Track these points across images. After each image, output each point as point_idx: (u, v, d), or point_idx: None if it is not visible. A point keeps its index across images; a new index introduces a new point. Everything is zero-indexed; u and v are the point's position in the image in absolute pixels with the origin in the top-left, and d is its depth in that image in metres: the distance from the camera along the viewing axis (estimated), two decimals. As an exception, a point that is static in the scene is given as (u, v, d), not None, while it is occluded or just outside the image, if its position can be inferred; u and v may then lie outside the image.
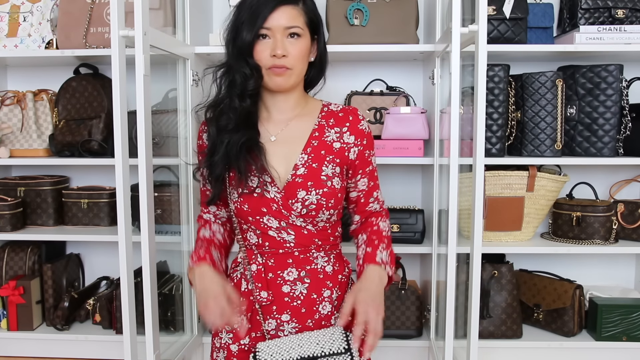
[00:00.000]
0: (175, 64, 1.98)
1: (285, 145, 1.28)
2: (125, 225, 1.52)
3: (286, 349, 1.17)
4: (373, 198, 1.35)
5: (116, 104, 1.49)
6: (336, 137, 1.29)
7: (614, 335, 2.09)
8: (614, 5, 2.08)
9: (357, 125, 1.30)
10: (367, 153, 1.32)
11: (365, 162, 1.32)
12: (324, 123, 1.30)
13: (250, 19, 1.20)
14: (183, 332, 2.08)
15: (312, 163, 1.25)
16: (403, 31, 2.09)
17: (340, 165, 1.28)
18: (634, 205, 2.18)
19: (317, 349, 1.16)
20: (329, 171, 1.26)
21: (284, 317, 1.26)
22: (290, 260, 1.26)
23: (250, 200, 1.24)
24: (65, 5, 2.16)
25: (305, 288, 1.26)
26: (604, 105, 2.05)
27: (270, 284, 1.26)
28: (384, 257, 1.27)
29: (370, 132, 1.33)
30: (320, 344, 1.16)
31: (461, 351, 1.70)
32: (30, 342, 2.21)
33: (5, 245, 2.32)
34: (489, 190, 2.07)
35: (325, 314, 1.28)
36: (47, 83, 2.40)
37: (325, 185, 1.24)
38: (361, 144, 1.30)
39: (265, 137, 1.29)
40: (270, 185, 1.24)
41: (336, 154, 1.28)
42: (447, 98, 1.67)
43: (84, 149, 2.17)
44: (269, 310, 1.26)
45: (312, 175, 1.24)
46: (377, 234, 1.32)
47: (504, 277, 2.12)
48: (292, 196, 1.23)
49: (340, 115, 1.31)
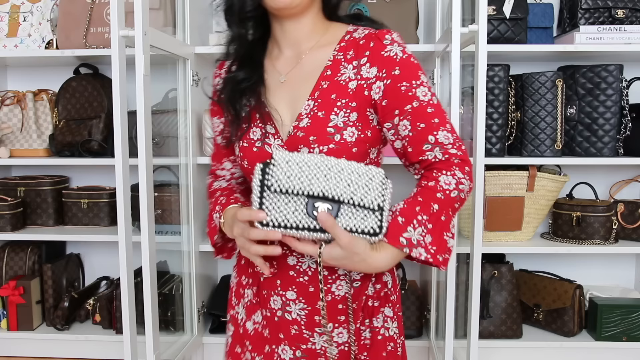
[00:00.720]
0: (175, 64, 1.98)
1: (295, 87, 1.04)
2: (125, 225, 1.52)
3: (308, 176, 0.89)
4: (429, 144, 0.96)
5: (116, 104, 1.49)
6: (353, 74, 1.00)
7: (614, 335, 2.09)
8: (614, 5, 2.08)
9: (381, 52, 0.99)
10: (402, 86, 0.97)
11: (401, 98, 0.97)
12: (341, 57, 1.02)
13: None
14: (183, 332, 2.08)
15: (319, 111, 0.99)
16: (403, 31, 2.08)
17: (358, 110, 0.99)
18: (634, 205, 2.18)
19: (347, 192, 0.89)
20: (339, 120, 0.98)
21: (289, 295, 1.03)
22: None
23: (250, 155, 1.03)
24: (65, 5, 2.16)
25: (314, 262, 1.01)
26: (604, 105, 2.05)
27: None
28: (416, 236, 0.91)
29: (405, 58, 0.98)
30: (352, 186, 0.89)
31: (461, 351, 1.70)
32: (30, 342, 2.21)
33: (5, 245, 2.32)
34: (489, 190, 2.07)
35: (341, 295, 1.02)
36: (47, 83, 2.40)
37: (331, 140, 0.97)
38: (388, 75, 0.98)
39: (274, 78, 1.06)
40: (273, 137, 1.02)
41: (352, 97, 0.99)
42: (447, 98, 1.67)
43: (84, 149, 2.17)
44: (272, 284, 1.04)
45: (316, 128, 0.98)
46: (426, 193, 0.95)
47: (504, 277, 2.12)
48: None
49: (361, 43, 1.01)
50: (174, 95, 2.04)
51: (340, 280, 1.02)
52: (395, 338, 1.07)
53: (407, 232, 0.91)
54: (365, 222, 0.90)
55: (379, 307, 1.06)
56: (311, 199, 0.89)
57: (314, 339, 1.03)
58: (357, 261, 0.91)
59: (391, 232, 0.91)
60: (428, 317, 2.14)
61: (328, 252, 0.90)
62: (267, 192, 0.89)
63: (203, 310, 2.18)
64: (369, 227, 0.90)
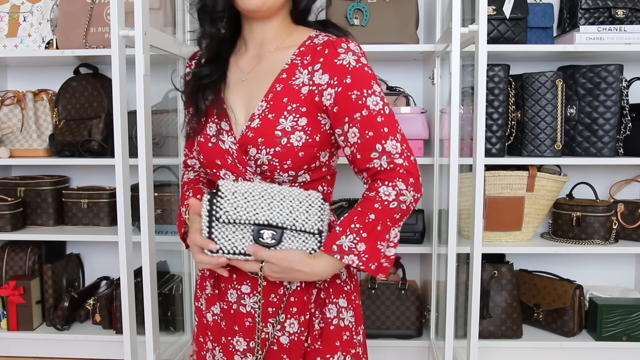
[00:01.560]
0: (176, 64, 1.98)
1: (252, 87, 1.06)
2: (125, 225, 1.52)
3: (253, 205, 0.96)
4: (376, 152, 0.98)
5: (116, 104, 1.49)
6: (307, 79, 1.02)
7: (614, 335, 2.09)
8: (614, 5, 2.09)
9: (334, 60, 0.99)
10: (353, 95, 0.98)
11: (351, 106, 0.98)
12: (298, 61, 1.03)
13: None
14: (183, 332, 2.08)
15: (269, 114, 1.01)
16: (403, 31, 2.09)
17: (308, 115, 1.00)
18: (634, 205, 2.18)
19: (289, 218, 0.97)
20: (287, 124, 1.00)
21: (244, 289, 1.06)
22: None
23: (205, 150, 1.07)
24: (65, 5, 2.16)
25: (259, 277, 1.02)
26: (604, 105, 2.05)
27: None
28: (347, 244, 0.96)
29: (359, 68, 0.99)
30: (293, 213, 0.97)
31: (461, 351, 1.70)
32: (30, 342, 2.21)
33: (5, 245, 2.32)
34: (489, 190, 2.07)
35: (293, 288, 1.05)
36: (47, 83, 2.40)
37: (277, 144, 0.99)
38: (340, 83, 0.99)
39: (236, 75, 1.09)
40: (227, 134, 1.04)
41: (303, 102, 1.01)
42: (447, 98, 1.67)
43: (84, 149, 2.17)
44: (229, 279, 1.08)
45: (265, 130, 1.00)
46: (365, 203, 0.98)
47: (504, 277, 2.12)
48: (245, 152, 1.02)
49: (318, 49, 1.02)
50: (174, 95, 2.03)
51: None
52: (350, 327, 1.10)
53: (340, 239, 0.97)
54: (307, 244, 0.99)
55: (331, 298, 1.09)
56: (257, 226, 0.97)
57: (267, 329, 1.06)
58: (296, 272, 0.98)
59: (327, 241, 0.98)
60: (428, 317, 2.14)
61: (268, 267, 0.98)
62: (215, 222, 0.97)
63: (203, 310, 2.17)
64: (310, 248, 0.99)
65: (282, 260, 0.97)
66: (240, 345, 1.08)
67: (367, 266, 0.97)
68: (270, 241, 0.97)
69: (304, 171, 1.03)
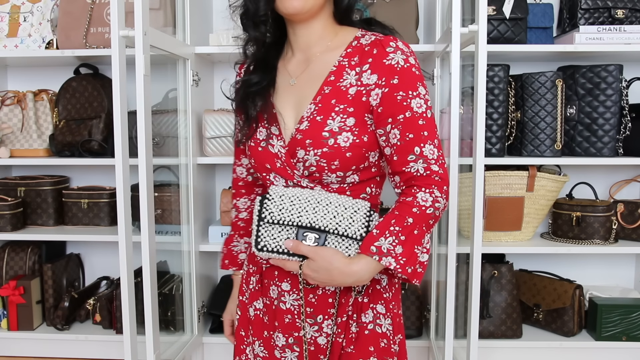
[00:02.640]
0: (175, 64, 1.98)
1: (302, 90, 1.08)
2: (125, 225, 1.52)
3: (298, 209, 1.01)
4: (413, 155, 0.99)
5: (116, 104, 1.49)
6: (355, 80, 1.03)
7: (614, 335, 2.09)
8: (614, 5, 2.09)
9: (383, 60, 1.01)
10: (398, 96, 0.99)
11: (395, 107, 0.99)
12: (346, 63, 1.05)
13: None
14: (183, 332, 2.08)
15: (317, 116, 1.03)
16: (403, 31, 2.08)
17: (355, 115, 1.02)
18: (633, 205, 2.18)
19: (332, 223, 1.00)
20: (334, 125, 1.01)
21: (284, 286, 1.09)
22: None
23: (255, 154, 1.10)
24: (65, 5, 2.16)
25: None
26: (603, 105, 2.05)
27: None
28: (386, 245, 0.96)
29: (406, 68, 1.00)
30: (337, 218, 1.00)
31: (461, 351, 1.70)
32: (30, 342, 2.21)
33: (6, 245, 2.32)
34: (489, 190, 2.08)
35: (331, 290, 1.07)
36: (47, 83, 2.40)
37: (325, 144, 1.01)
38: (387, 83, 1.00)
39: (285, 79, 1.11)
40: (277, 138, 1.07)
41: (350, 102, 1.02)
42: (447, 98, 1.67)
43: (84, 149, 2.18)
44: (271, 275, 1.12)
45: (313, 131, 1.02)
46: (403, 207, 0.99)
47: (504, 277, 2.12)
48: (293, 155, 1.05)
49: (366, 49, 1.04)
50: (174, 95, 2.04)
51: None
52: (388, 335, 1.10)
53: (378, 241, 0.97)
54: (349, 250, 1.01)
55: (369, 304, 1.09)
56: (300, 228, 1.01)
57: (305, 327, 1.09)
58: (334, 270, 0.99)
59: (364, 242, 0.99)
60: (428, 317, 2.14)
61: (307, 265, 1.01)
62: (262, 223, 1.04)
63: (203, 310, 2.18)
64: (352, 254, 1.01)
65: (321, 257, 0.99)
66: (280, 340, 1.11)
67: (404, 269, 0.97)
68: (313, 244, 1.01)
69: (352, 172, 1.04)
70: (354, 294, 1.08)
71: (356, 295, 1.08)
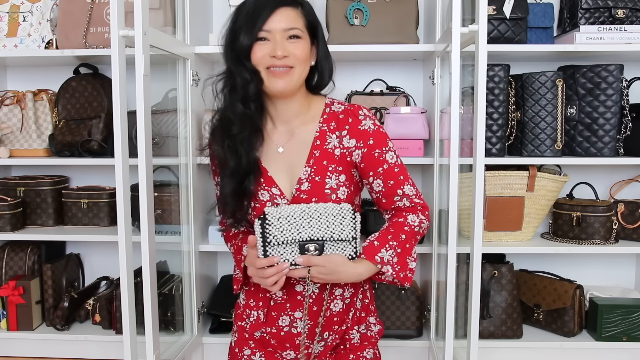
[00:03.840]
0: (175, 64, 1.98)
1: (292, 156, 1.27)
2: (125, 225, 1.52)
3: (297, 227, 1.17)
4: (398, 196, 1.27)
5: (116, 104, 1.49)
6: (337, 143, 1.26)
7: (614, 335, 2.09)
8: (614, 5, 2.08)
9: (358, 127, 1.25)
10: (375, 153, 1.25)
11: (374, 163, 1.26)
12: (325, 128, 1.27)
13: (248, 22, 1.18)
14: (183, 332, 2.08)
15: (315, 176, 1.24)
16: (403, 31, 2.08)
17: (345, 172, 1.26)
18: (634, 205, 2.18)
19: (327, 232, 1.18)
20: (332, 183, 1.25)
21: (297, 314, 1.29)
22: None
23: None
24: (65, 5, 2.16)
25: (317, 287, 1.28)
26: (604, 105, 2.05)
27: (285, 284, 1.24)
28: (387, 257, 1.22)
29: (376, 130, 1.26)
30: (330, 227, 1.18)
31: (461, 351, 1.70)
32: (30, 342, 2.21)
33: (5, 245, 2.32)
34: (489, 190, 2.07)
35: (337, 311, 1.31)
36: (47, 83, 2.40)
37: (329, 200, 1.23)
38: (365, 145, 1.25)
39: (272, 149, 1.28)
40: (280, 197, 1.26)
41: (338, 162, 1.25)
42: (447, 98, 1.67)
43: (84, 149, 2.17)
44: (283, 307, 1.29)
45: (316, 190, 1.24)
46: (397, 226, 1.26)
47: (504, 277, 2.12)
48: None
49: (340, 117, 1.27)
50: (174, 95, 2.03)
51: (336, 299, 1.30)
52: (375, 336, 1.40)
53: (380, 252, 1.23)
54: (345, 251, 1.21)
55: (366, 317, 1.37)
56: (301, 242, 1.18)
57: (313, 345, 1.31)
58: (341, 272, 1.20)
59: (368, 251, 1.23)
60: (428, 317, 2.14)
61: (315, 269, 1.19)
62: (268, 245, 1.18)
63: (203, 310, 2.17)
64: (348, 254, 1.21)
65: (331, 263, 1.19)
66: (289, 355, 1.33)
67: (397, 274, 1.23)
68: (314, 252, 1.18)
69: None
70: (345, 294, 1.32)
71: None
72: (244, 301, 1.37)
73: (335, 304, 1.30)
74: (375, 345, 1.40)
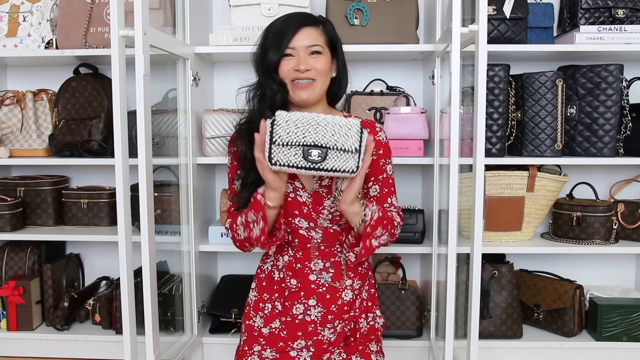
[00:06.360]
0: (175, 64, 1.98)
1: None
2: (125, 225, 1.52)
3: (303, 130, 1.21)
4: (387, 204, 1.43)
5: (116, 104, 1.49)
6: None
7: (614, 335, 2.09)
8: (614, 5, 2.08)
9: (375, 137, 1.41)
10: (381, 162, 1.43)
11: (378, 170, 1.43)
12: None
13: (275, 41, 1.37)
14: (183, 332, 2.08)
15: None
16: (403, 31, 2.08)
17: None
18: (634, 205, 2.18)
19: (332, 140, 1.21)
20: None
21: (311, 302, 1.42)
22: (316, 253, 1.43)
23: (285, 204, 1.37)
24: (65, 5, 2.16)
25: (329, 277, 1.42)
26: (604, 105, 2.05)
27: (299, 273, 1.43)
28: (371, 210, 1.32)
29: (386, 143, 1.45)
30: (335, 135, 1.21)
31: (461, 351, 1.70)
32: (30, 342, 2.21)
33: (5, 245, 2.32)
34: (489, 190, 2.07)
35: (347, 300, 1.43)
36: (47, 83, 2.40)
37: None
38: (376, 153, 1.42)
39: None
40: (302, 190, 1.40)
41: None
42: (447, 98, 1.67)
43: (84, 149, 2.17)
44: (297, 296, 1.43)
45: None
46: (382, 211, 1.36)
47: (504, 277, 2.12)
48: (320, 203, 1.39)
49: None
50: (174, 95, 2.03)
51: (347, 289, 1.44)
52: (379, 328, 1.53)
53: (369, 207, 1.34)
54: (347, 163, 1.22)
55: (372, 307, 1.51)
56: (306, 147, 1.21)
57: (323, 332, 1.42)
58: (355, 205, 1.31)
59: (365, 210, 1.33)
60: (428, 317, 2.14)
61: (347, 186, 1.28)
62: (273, 145, 1.22)
63: (203, 310, 2.17)
64: (350, 166, 1.22)
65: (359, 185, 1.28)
66: (300, 344, 1.41)
67: (369, 224, 1.30)
68: (317, 158, 1.21)
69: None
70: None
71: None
72: (256, 297, 1.49)
73: (345, 294, 1.43)
74: (380, 341, 1.53)
